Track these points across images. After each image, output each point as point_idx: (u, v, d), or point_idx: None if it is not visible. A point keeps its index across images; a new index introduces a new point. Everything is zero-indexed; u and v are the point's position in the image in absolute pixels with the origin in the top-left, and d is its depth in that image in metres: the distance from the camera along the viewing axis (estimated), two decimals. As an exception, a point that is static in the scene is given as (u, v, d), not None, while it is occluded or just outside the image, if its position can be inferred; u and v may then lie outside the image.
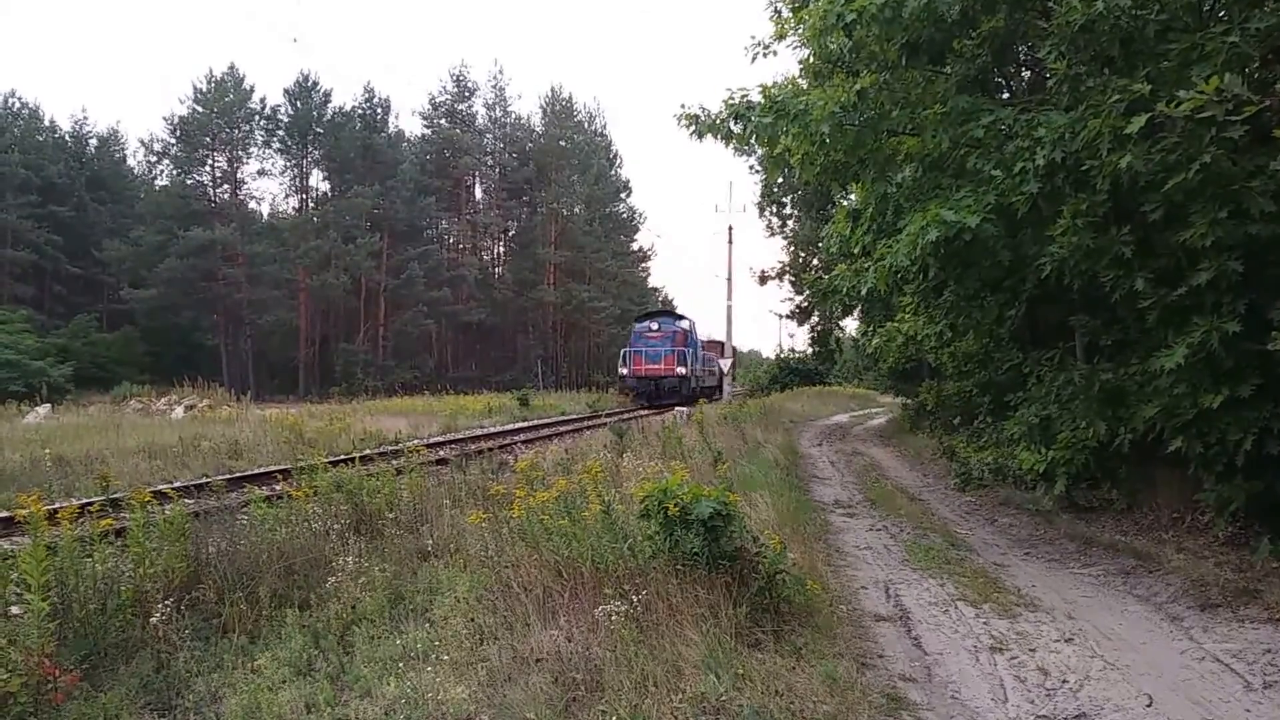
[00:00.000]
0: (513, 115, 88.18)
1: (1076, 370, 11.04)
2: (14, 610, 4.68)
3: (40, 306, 68.14)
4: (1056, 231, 9.45)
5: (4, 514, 8.61)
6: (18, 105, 77.70)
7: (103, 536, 5.99)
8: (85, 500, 9.94)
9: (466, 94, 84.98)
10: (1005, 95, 12.75)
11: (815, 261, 40.32)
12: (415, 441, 18.26)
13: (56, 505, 7.31)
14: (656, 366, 42.57)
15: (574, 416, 33.31)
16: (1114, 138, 8.30)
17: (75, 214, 72.67)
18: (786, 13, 11.93)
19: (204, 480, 13.48)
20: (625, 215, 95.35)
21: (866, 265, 11.19)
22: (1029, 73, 13.40)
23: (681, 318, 46.90)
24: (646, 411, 37.25)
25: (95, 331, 67.15)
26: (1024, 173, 8.98)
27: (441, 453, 17.83)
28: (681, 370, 42.09)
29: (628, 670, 5.08)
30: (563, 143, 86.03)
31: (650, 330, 44.09)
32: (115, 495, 10.10)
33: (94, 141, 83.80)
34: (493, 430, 26.36)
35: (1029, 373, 12.22)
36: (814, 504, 13.21)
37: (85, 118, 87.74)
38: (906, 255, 9.65)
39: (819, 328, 48.25)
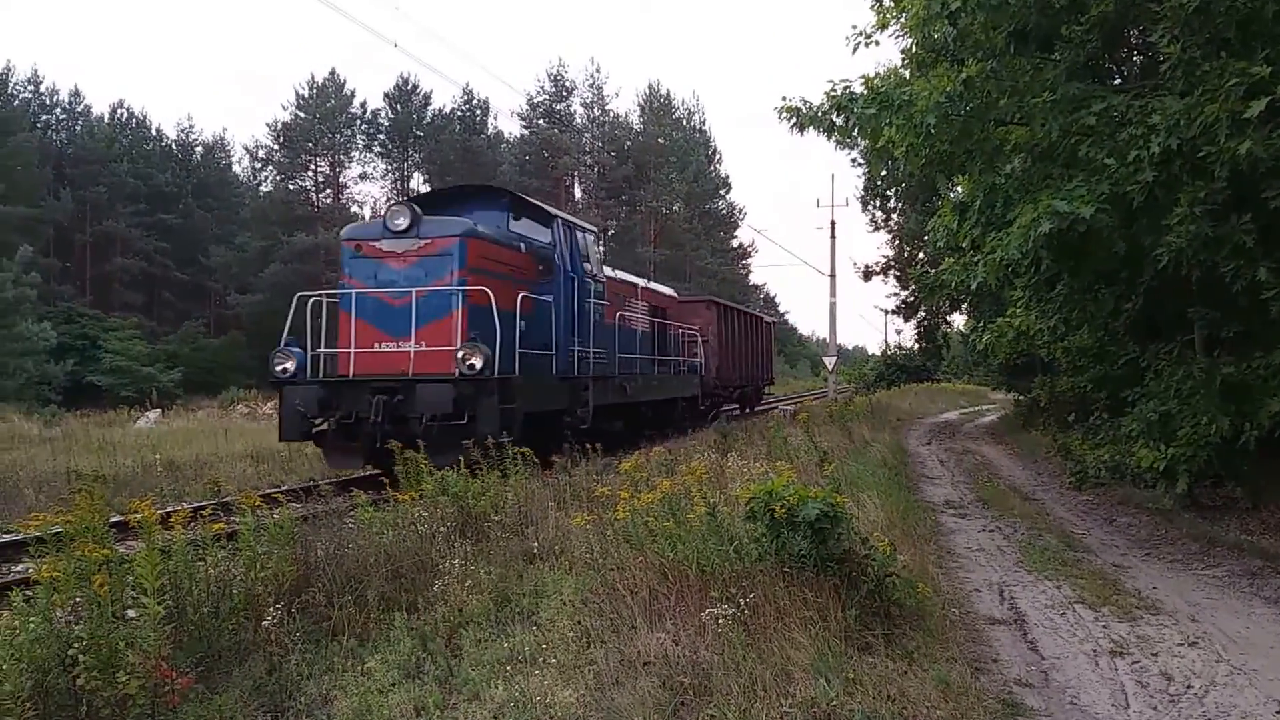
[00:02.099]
0: (611, 114, 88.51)
1: (1196, 364, 10.68)
2: (130, 614, 4.83)
3: (149, 313, 71.19)
4: (1173, 221, 9.13)
5: (118, 518, 8.90)
6: (125, 115, 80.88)
7: (215, 540, 6.15)
8: (196, 504, 10.27)
9: (564, 94, 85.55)
10: (1117, 81, 12.37)
11: (921, 255, 39.44)
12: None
13: (169, 509, 7.54)
14: (395, 349, 14.44)
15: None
16: (1232, 123, 7.97)
17: (182, 221, 75.31)
18: (889, 1, 11.74)
19: (310, 484, 13.79)
20: (724, 211, 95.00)
21: (975, 259, 10.98)
22: (1140, 57, 12.98)
23: (535, 210, 18.40)
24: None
25: (203, 337, 69.88)
26: (1139, 161, 8.68)
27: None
28: (475, 361, 13.40)
29: (736, 674, 5.04)
30: (661, 140, 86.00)
31: (386, 241, 14.92)
32: (225, 499, 10.41)
33: (200, 149, 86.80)
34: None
35: (1146, 367, 11.84)
36: (924, 504, 13.00)
37: (191, 126, 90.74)
38: (1018, 248, 9.42)
39: (925, 323, 46.73)
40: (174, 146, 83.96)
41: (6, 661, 4.21)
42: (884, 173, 33.38)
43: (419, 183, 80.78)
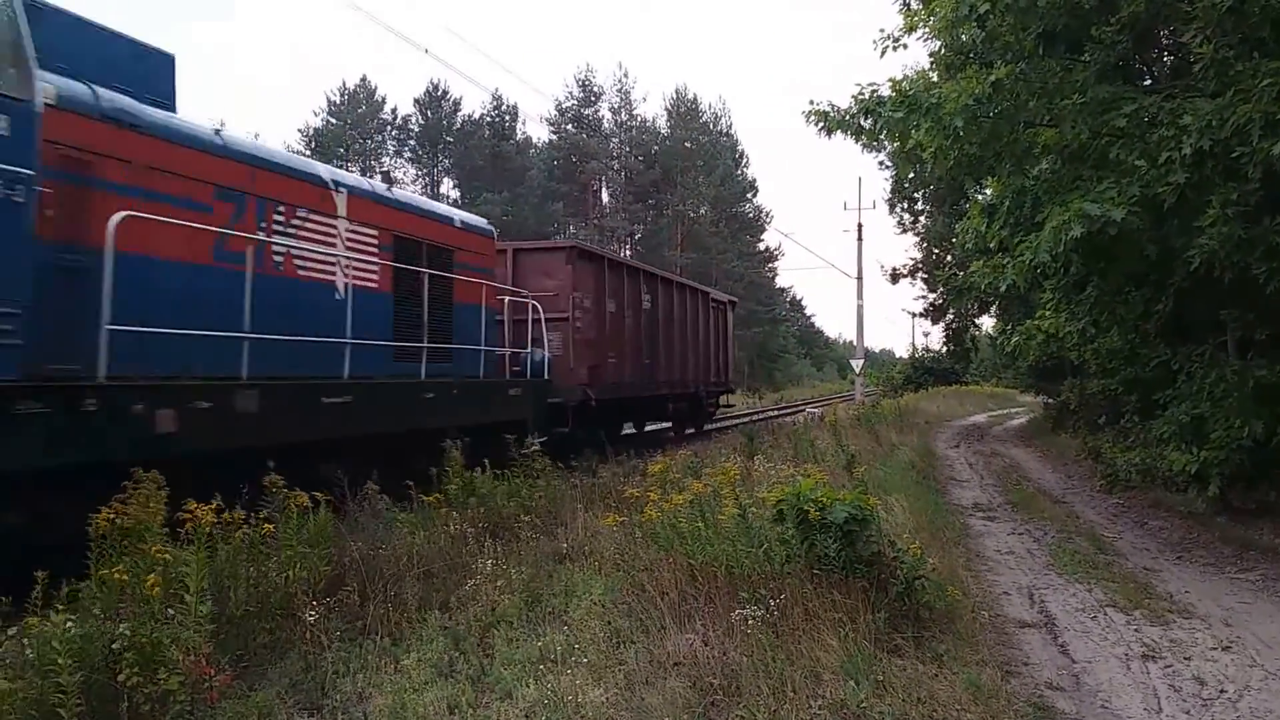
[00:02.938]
0: (638, 118, 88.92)
1: (1229, 367, 10.61)
2: (170, 611, 4.92)
3: None
4: (1205, 223, 9.07)
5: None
6: None
7: (262, 540, 6.24)
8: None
9: (592, 99, 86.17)
10: (1147, 82, 12.31)
11: (949, 258, 39.24)
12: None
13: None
14: None
15: (703, 419, 33.27)
16: (1265, 124, 7.93)
17: None
18: (916, 5, 11.74)
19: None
20: (751, 215, 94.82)
21: (1005, 261, 10.95)
22: (1171, 58, 12.91)
23: None
24: None
25: None
26: (1170, 162, 8.65)
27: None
28: None
29: (765, 675, 5.05)
30: (688, 144, 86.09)
31: None
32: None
33: None
34: (624, 433, 26.64)
35: (1178, 370, 11.76)
36: (952, 507, 12.97)
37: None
38: (1048, 250, 9.39)
39: (953, 325, 46.38)
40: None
41: (61, 656, 4.30)
42: (911, 175, 33.26)
43: (449, 187, 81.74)
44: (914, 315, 58.94)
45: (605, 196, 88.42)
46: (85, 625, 4.56)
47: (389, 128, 79.17)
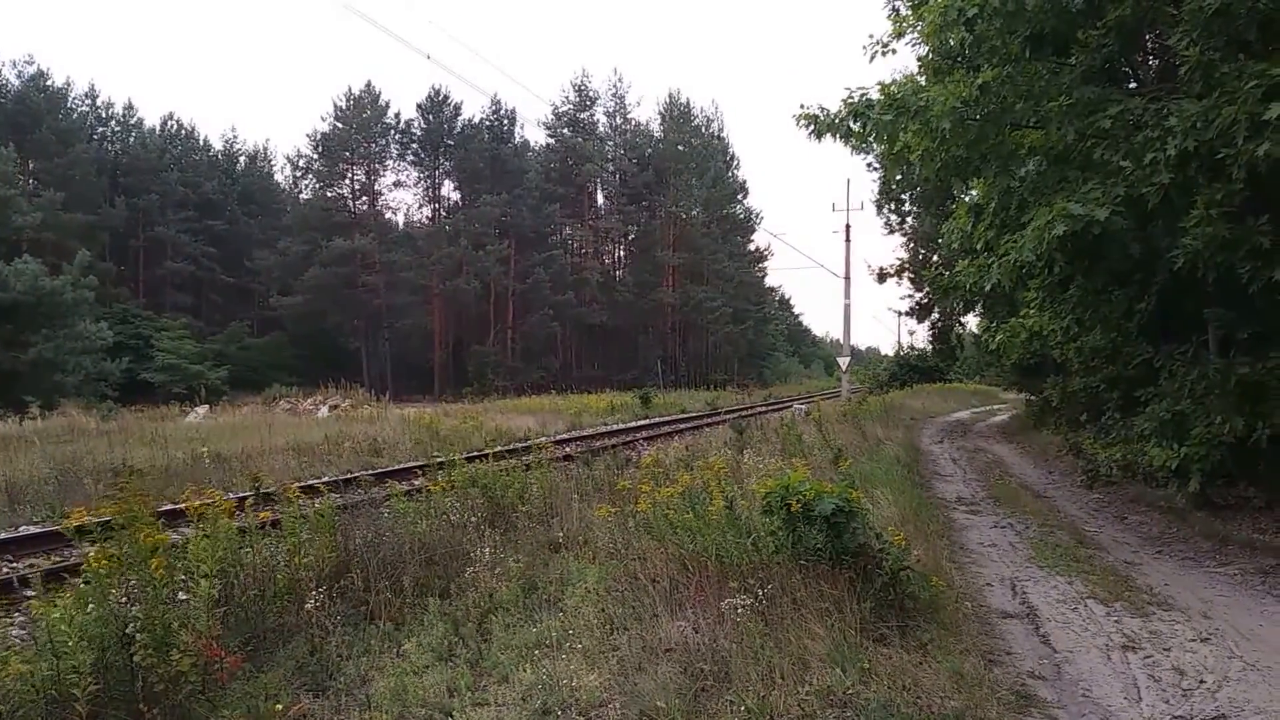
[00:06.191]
0: (632, 122, 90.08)
1: (1211, 365, 10.73)
2: (181, 596, 5.03)
3: (198, 314, 74.46)
4: (1190, 223, 9.19)
5: (169, 506, 9.27)
6: (175, 127, 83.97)
7: (260, 528, 6.38)
8: (241, 494, 10.53)
9: (588, 103, 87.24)
10: (1133, 85, 12.42)
11: (935, 258, 39.30)
12: (544, 439, 18.84)
13: (210, 500, 7.78)
14: None
15: (694, 414, 33.50)
16: (1251, 124, 8.03)
17: (228, 227, 79.03)
18: (905, 11, 11.81)
19: (348, 476, 14.03)
20: (742, 216, 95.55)
21: (990, 261, 11.06)
22: (1157, 61, 13.02)
23: None
24: None
25: (247, 337, 73.40)
26: (1154, 163, 8.76)
27: (568, 449, 18.32)
28: None
29: (754, 662, 5.17)
30: (681, 147, 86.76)
31: None
32: (267, 490, 10.72)
33: (244, 159, 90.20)
34: (616, 428, 26.89)
35: (1160, 367, 11.87)
36: (936, 501, 13.10)
37: (235, 137, 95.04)
38: (1032, 250, 9.51)
39: (939, 324, 46.47)
40: (220, 156, 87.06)
41: (70, 639, 4.43)
42: (899, 176, 33.33)
43: (450, 189, 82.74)
44: (900, 314, 59.20)
45: (600, 198, 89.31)
46: (100, 608, 4.68)
47: (393, 132, 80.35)
